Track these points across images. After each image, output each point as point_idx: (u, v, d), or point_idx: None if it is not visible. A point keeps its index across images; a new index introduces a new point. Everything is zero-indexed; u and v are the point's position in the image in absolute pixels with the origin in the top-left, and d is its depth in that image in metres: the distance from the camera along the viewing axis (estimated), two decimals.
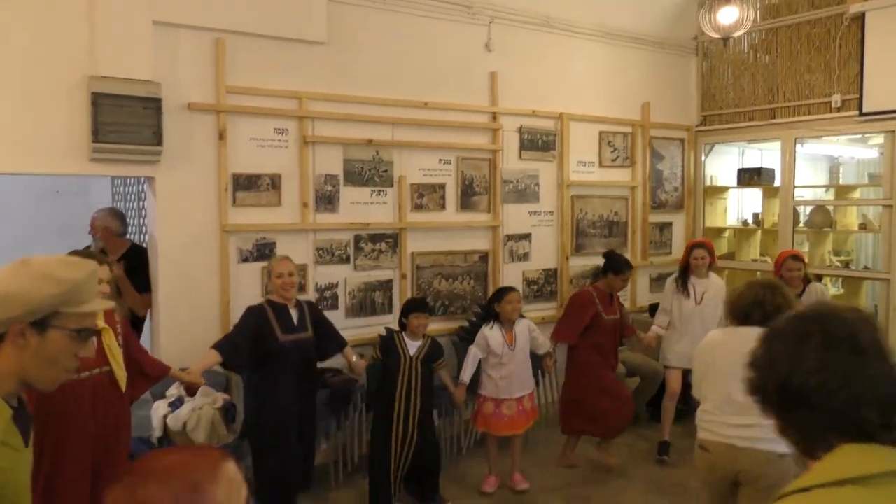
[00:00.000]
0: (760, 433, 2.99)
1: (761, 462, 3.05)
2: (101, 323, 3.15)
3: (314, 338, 4.34)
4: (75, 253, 3.40)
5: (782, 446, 2.98)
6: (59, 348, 1.58)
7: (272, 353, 4.13)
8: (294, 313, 4.27)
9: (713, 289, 5.55)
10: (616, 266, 5.27)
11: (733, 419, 3.12)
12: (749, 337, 3.14)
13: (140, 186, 5.73)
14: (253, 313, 4.20)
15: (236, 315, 4.43)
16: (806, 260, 5.58)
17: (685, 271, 5.59)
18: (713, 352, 3.29)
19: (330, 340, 4.47)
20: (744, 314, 3.16)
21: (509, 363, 4.78)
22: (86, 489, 3.05)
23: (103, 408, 3.18)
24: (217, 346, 4.02)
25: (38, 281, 1.54)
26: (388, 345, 4.63)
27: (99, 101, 4.19)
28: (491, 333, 4.80)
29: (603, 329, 5.18)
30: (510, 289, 4.95)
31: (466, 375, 4.85)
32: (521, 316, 4.96)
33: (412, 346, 4.57)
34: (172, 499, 1.05)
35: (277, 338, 4.15)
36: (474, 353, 4.85)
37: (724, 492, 3.21)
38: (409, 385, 4.49)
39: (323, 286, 5.23)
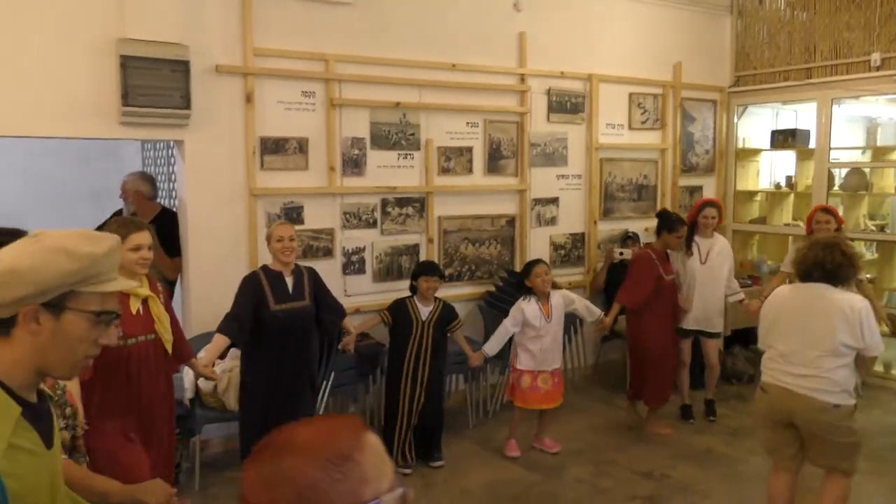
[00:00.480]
0: (819, 384, 3.28)
1: (816, 409, 3.31)
2: (146, 291, 3.15)
3: (312, 307, 4.14)
4: (113, 217, 3.42)
5: (837, 398, 3.23)
6: (78, 333, 1.39)
7: (264, 322, 3.97)
8: (290, 281, 4.09)
9: (718, 247, 5.45)
10: (669, 224, 5.25)
11: (796, 369, 3.35)
12: (814, 293, 3.36)
13: (169, 150, 5.75)
14: (249, 282, 4.04)
15: None
16: (841, 216, 5.46)
17: (691, 230, 5.45)
18: (782, 305, 3.49)
19: (329, 312, 4.26)
20: (806, 273, 3.41)
21: (546, 336, 4.77)
22: (128, 457, 3.06)
23: (147, 375, 3.17)
24: (222, 330, 3.87)
25: (50, 255, 1.34)
26: (399, 309, 4.64)
27: (128, 64, 4.19)
28: (528, 307, 4.75)
29: (664, 292, 5.18)
30: (537, 262, 4.90)
31: (492, 348, 4.81)
32: (556, 286, 4.94)
33: (424, 311, 4.61)
34: (321, 470, 0.95)
35: (269, 306, 3.98)
36: (507, 327, 4.79)
37: (781, 431, 3.48)
38: (419, 349, 4.56)
39: (350, 250, 5.25)
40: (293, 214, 4.95)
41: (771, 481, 3.63)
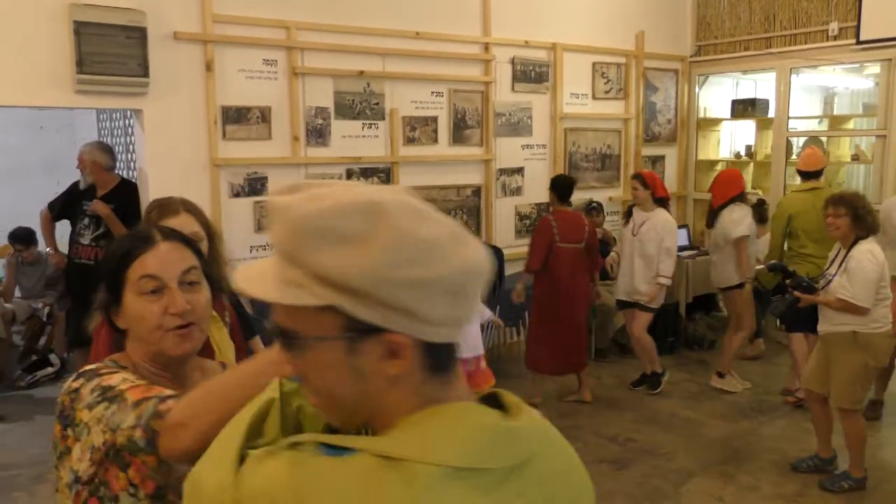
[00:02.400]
0: None
1: None
2: None
3: None
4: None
5: None
6: None
7: None
8: None
9: (653, 222, 5.23)
10: None
11: None
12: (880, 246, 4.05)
13: (127, 121, 5.61)
14: None
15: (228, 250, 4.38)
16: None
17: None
18: (884, 262, 3.89)
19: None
20: (882, 230, 4.10)
21: None
22: None
23: None
24: None
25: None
26: None
27: (81, 31, 4.06)
28: None
29: (559, 258, 5.00)
30: None
31: None
32: None
33: None
34: None
35: None
36: None
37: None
38: None
39: None
40: (257, 185, 4.88)
41: (863, 426, 4.03)
